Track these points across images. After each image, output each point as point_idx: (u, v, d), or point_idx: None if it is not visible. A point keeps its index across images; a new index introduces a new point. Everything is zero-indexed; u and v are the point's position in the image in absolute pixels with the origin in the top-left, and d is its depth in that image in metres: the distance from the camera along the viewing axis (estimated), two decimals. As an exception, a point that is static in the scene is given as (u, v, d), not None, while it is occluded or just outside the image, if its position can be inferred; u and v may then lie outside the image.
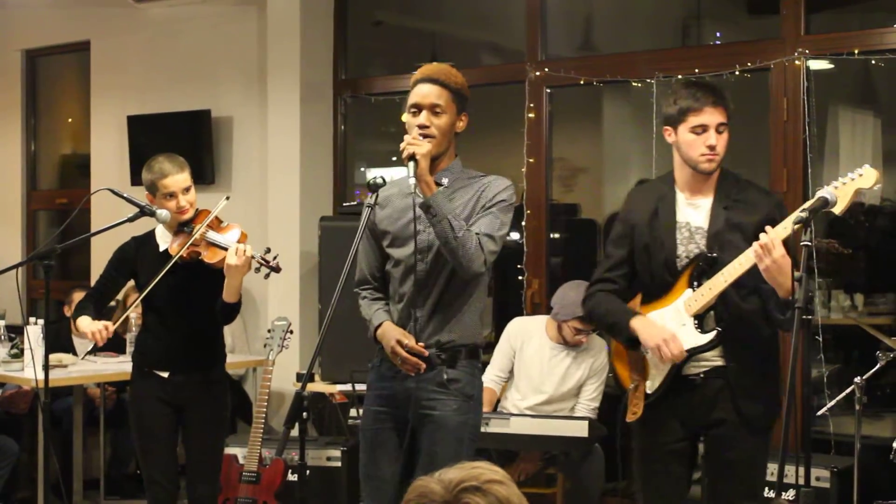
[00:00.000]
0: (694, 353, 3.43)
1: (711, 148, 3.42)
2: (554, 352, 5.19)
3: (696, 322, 3.44)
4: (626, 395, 3.60)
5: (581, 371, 5.16)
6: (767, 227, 3.25)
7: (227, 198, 4.36)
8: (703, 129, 3.41)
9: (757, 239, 3.30)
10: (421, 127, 3.42)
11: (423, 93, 3.45)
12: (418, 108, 3.45)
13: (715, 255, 3.42)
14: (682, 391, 3.48)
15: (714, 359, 3.46)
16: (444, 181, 3.47)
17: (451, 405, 3.44)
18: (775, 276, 3.23)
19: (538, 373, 5.18)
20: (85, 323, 4.25)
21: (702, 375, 3.47)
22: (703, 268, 3.43)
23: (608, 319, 3.59)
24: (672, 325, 3.45)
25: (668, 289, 3.50)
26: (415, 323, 3.45)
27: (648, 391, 3.52)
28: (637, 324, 3.48)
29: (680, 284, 3.47)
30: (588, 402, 5.15)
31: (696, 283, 3.44)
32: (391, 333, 3.45)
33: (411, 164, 3.32)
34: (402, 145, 3.38)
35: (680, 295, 3.47)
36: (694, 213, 3.50)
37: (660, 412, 3.51)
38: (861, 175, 3.22)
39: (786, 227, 3.25)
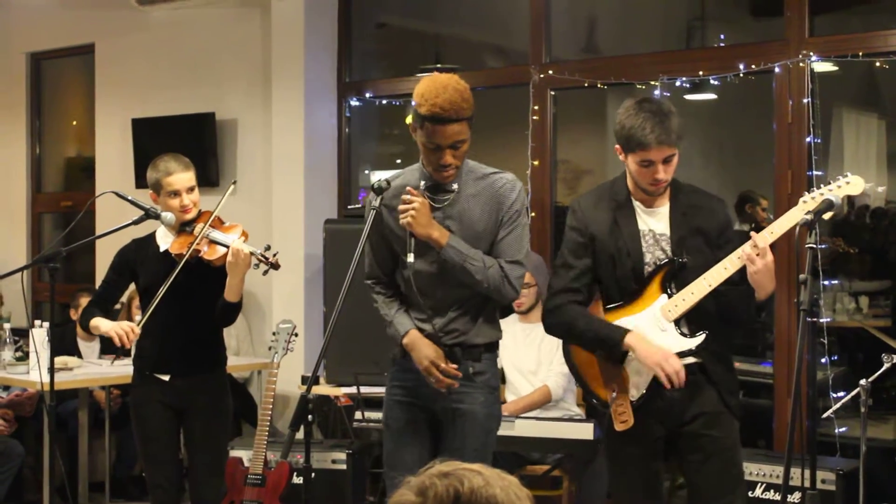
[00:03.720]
0: (682, 356, 3.46)
1: (656, 181, 3.45)
2: (526, 330, 5.24)
3: (676, 326, 3.48)
4: (608, 406, 3.57)
5: (552, 347, 5.20)
6: (753, 234, 3.32)
7: (235, 182, 4.37)
8: (650, 163, 3.43)
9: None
10: (445, 166, 3.40)
11: (447, 134, 3.35)
12: (439, 147, 3.38)
13: (685, 260, 3.46)
14: (662, 392, 3.50)
15: (688, 357, 3.50)
16: (455, 186, 3.48)
17: (479, 398, 3.51)
18: (762, 279, 3.32)
19: (517, 353, 5.22)
20: (106, 324, 4.22)
21: None
22: (674, 273, 3.47)
23: (591, 335, 3.55)
24: (651, 330, 3.48)
25: (636, 296, 3.52)
26: (433, 327, 3.50)
27: (633, 399, 3.53)
28: (633, 341, 3.46)
29: (651, 291, 3.49)
30: (553, 368, 5.18)
31: (669, 289, 3.47)
32: (424, 351, 3.48)
33: (412, 238, 3.40)
34: (400, 207, 3.41)
35: (654, 301, 3.49)
36: (654, 220, 3.54)
37: (640, 415, 3.54)
38: (848, 183, 3.32)
39: (772, 231, 3.34)
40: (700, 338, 3.46)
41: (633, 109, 3.44)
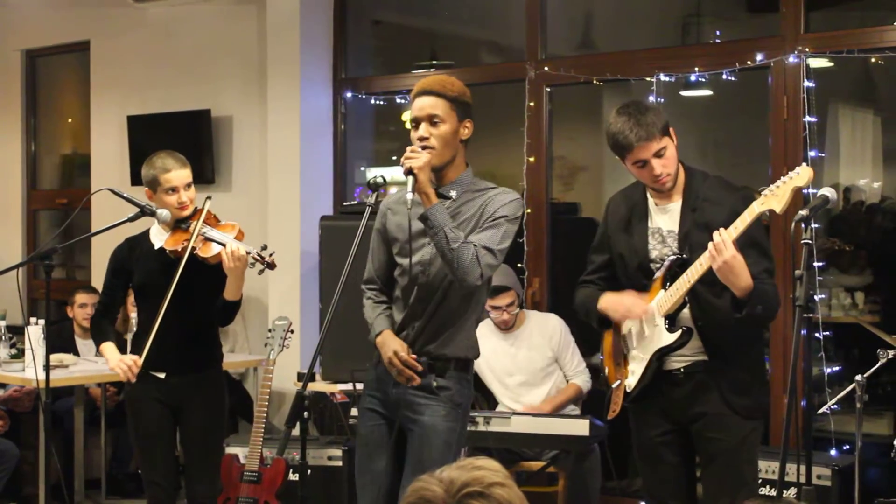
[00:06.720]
0: (664, 352, 3.52)
1: (656, 177, 3.50)
2: (508, 341, 5.23)
3: (667, 322, 3.52)
4: (609, 392, 3.70)
5: (542, 349, 5.24)
6: (721, 228, 3.31)
7: (209, 198, 4.36)
8: (643, 162, 3.48)
9: None
10: (421, 139, 3.45)
11: (420, 105, 3.48)
12: (417, 122, 3.49)
13: (685, 256, 3.49)
14: (665, 386, 3.56)
15: (696, 354, 3.53)
16: (453, 194, 3.50)
17: (440, 411, 3.49)
18: (727, 276, 3.30)
19: (502, 366, 5.21)
20: (111, 356, 4.29)
21: (682, 370, 3.54)
22: (675, 270, 3.50)
23: (584, 308, 3.74)
24: (647, 324, 3.56)
25: (645, 291, 3.59)
26: (411, 330, 3.50)
27: (628, 389, 3.62)
28: (602, 303, 3.63)
29: (655, 287, 3.56)
30: (574, 367, 5.25)
31: (668, 285, 3.52)
32: (390, 343, 3.50)
33: (410, 178, 3.35)
34: (402, 160, 3.41)
35: (655, 296, 3.55)
36: (664, 217, 3.59)
37: (643, 407, 3.61)
38: (798, 174, 3.29)
39: (737, 226, 3.30)
40: (676, 334, 3.49)
41: (614, 117, 3.53)
